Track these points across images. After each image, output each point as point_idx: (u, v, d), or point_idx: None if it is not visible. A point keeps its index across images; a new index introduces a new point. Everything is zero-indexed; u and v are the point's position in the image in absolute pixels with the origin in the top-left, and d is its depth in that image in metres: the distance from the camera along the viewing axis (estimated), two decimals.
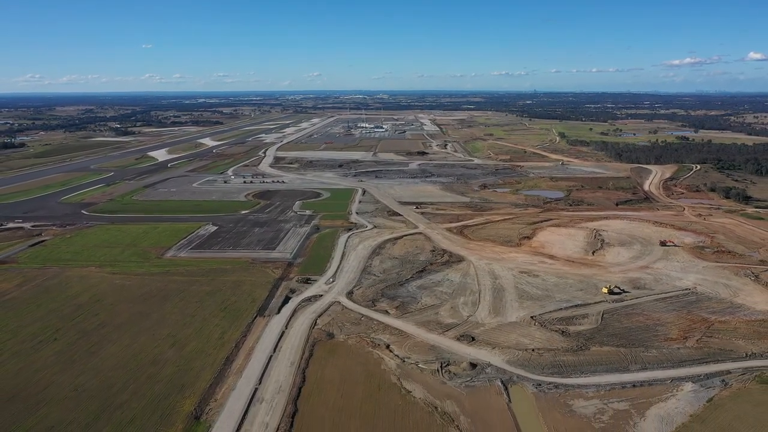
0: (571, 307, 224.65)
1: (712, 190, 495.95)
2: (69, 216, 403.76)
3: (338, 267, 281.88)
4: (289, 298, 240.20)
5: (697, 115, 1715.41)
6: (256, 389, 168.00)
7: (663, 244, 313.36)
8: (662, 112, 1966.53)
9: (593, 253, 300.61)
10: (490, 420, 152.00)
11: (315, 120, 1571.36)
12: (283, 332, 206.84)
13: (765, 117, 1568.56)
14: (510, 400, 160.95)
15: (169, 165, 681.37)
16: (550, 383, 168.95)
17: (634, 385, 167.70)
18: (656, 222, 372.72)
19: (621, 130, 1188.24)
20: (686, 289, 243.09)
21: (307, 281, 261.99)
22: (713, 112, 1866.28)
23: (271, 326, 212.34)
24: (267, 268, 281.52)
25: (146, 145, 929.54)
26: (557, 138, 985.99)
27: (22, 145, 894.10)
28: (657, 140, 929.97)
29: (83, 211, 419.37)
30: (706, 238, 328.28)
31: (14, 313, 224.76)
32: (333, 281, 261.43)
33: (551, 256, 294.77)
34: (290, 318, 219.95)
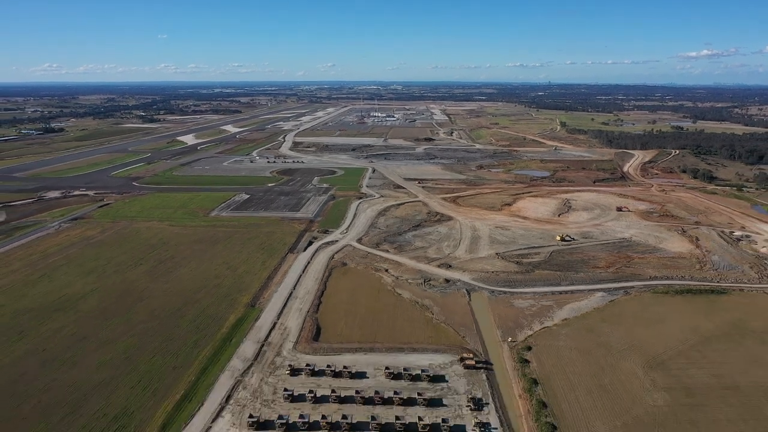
0: (529, 248, 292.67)
1: (684, 171, 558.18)
2: (123, 186, 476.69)
3: (350, 223, 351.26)
4: (312, 243, 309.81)
5: (704, 107, 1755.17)
6: (291, 292, 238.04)
7: (619, 209, 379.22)
8: (670, 103, 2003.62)
9: (559, 215, 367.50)
10: (455, 309, 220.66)
11: (330, 109, 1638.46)
12: (309, 262, 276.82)
13: None
14: (470, 300, 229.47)
15: (198, 148, 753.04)
16: (500, 291, 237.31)
17: (561, 293, 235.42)
18: (622, 195, 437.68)
19: (622, 120, 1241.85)
20: (623, 239, 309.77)
21: (326, 232, 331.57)
22: (720, 104, 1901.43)
23: (299, 259, 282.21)
24: (293, 223, 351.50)
25: (173, 131, 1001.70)
26: (558, 127, 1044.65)
27: (61, 130, 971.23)
28: (652, 130, 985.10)
29: (134, 183, 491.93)
30: (658, 206, 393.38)
31: (105, 248, 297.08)
32: (346, 232, 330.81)
33: (524, 217, 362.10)
34: (314, 254, 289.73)
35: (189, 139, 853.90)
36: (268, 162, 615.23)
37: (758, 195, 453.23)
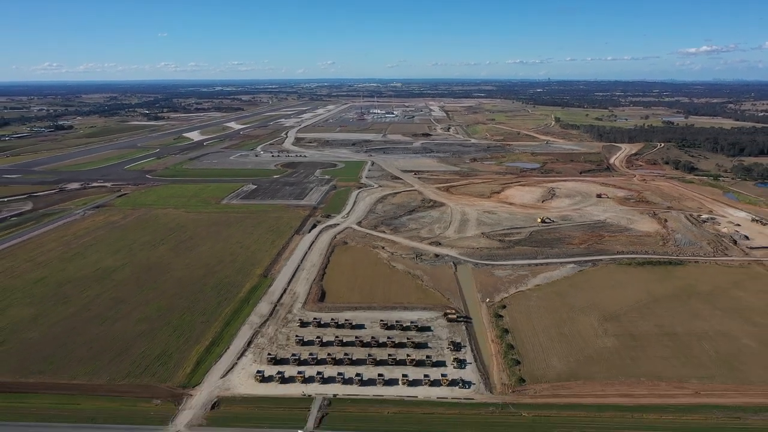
0: (511, 228, 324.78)
1: (667, 163, 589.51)
2: (137, 178, 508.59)
3: (351, 209, 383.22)
4: (316, 225, 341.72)
5: (699, 103, 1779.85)
6: (299, 265, 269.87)
7: (599, 196, 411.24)
8: (666, 99, 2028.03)
9: (543, 201, 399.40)
10: (442, 278, 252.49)
11: (330, 107, 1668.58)
12: (314, 241, 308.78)
13: (762, 104, 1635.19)
14: (456, 270, 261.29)
15: (204, 143, 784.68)
16: (483, 263, 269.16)
17: (536, 265, 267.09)
18: (604, 184, 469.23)
19: (616, 116, 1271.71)
20: (598, 221, 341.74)
21: (328, 217, 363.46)
22: (716, 100, 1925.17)
23: (305, 239, 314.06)
24: (298, 210, 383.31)
25: (178, 128, 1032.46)
26: (552, 122, 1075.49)
27: (70, 127, 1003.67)
28: (644, 125, 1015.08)
29: (147, 176, 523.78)
30: (635, 193, 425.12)
31: (129, 231, 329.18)
32: (347, 217, 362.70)
33: (510, 203, 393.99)
34: (318, 235, 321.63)
35: (195, 136, 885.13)
36: (272, 156, 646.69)
37: (733, 184, 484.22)
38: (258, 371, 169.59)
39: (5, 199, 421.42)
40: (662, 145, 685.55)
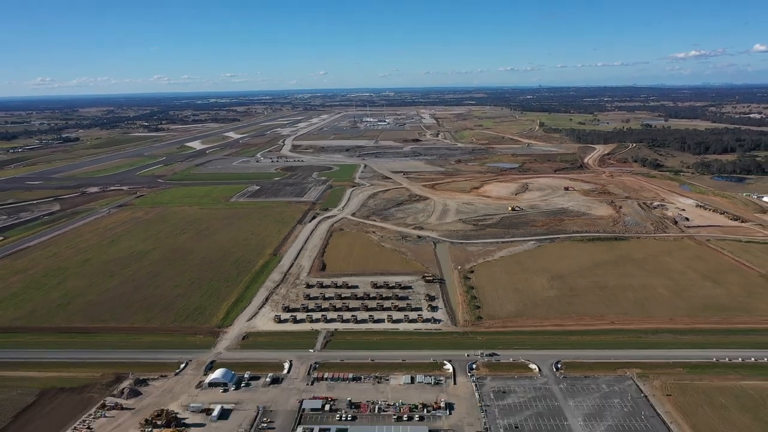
0: (485, 215, 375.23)
1: (635, 161, 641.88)
2: (150, 182, 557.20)
3: (346, 203, 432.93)
4: (315, 217, 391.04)
5: (683, 107, 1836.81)
6: (302, 246, 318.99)
7: (566, 189, 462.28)
8: (652, 104, 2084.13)
9: (516, 194, 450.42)
10: (423, 253, 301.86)
11: (324, 116, 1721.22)
12: (314, 228, 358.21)
13: (743, 107, 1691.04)
14: (435, 248, 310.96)
15: (207, 152, 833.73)
16: (458, 242, 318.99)
17: (503, 243, 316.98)
18: (574, 179, 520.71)
19: (598, 120, 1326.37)
20: (561, 208, 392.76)
21: (326, 210, 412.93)
22: (699, 103, 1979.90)
23: (306, 227, 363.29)
24: (299, 205, 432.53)
25: (179, 138, 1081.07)
26: (537, 127, 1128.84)
27: (77, 139, 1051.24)
28: (623, 127, 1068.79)
29: (158, 180, 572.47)
30: (600, 186, 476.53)
31: (152, 224, 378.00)
32: (342, 210, 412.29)
33: (487, 196, 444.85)
34: (317, 224, 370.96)
35: (196, 145, 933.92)
36: (272, 161, 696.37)
37: (692, 178, 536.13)
38: (276, 315, 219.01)
39: (34, 202, 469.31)
40: (634, 145, 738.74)
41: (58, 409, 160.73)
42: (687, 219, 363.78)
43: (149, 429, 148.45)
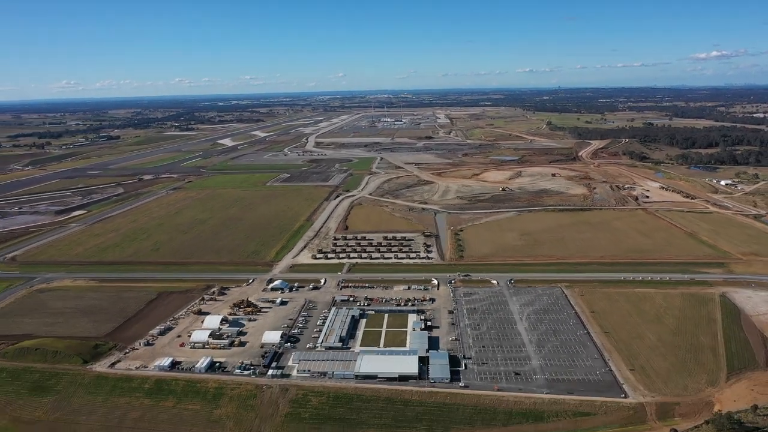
0: (480, 193, 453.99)
1: (625, 154, 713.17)
2: (194, 172, 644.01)
3: (364, 186, 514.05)
4: (339, 196, 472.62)
5: (694, 107, 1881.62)
6: (329, 216, 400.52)
7: (553, 175, 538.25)
8: (665, 104, 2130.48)
9: (509, 179, 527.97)
10: (425, 219, 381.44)
11: (343, 116, 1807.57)
12: (338, 204, 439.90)
13: (753, 107, 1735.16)
14: (435, 216, 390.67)
15: (238, 148, 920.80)
16: (454, 212, 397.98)
17: (489, 212, 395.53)
18: (563, 168, 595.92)
19: (605, 119, 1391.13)
20: (544, 188, 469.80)
21: (347, 191, 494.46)
22: (711, 103, 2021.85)
23: (331, 203, 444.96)
24: (324, 188, 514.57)
25: (210, 136, 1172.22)
26: (544, 126, 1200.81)
27: (117, 137, 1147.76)
28: (626, 126, 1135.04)
29: (201, 170, 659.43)
30: (583, 174, 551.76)
31: (205, 201, 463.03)
32: (361, 191, 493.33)
33: (484, 181, 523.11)
34: (340, 201, 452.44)
35: (227, 142, 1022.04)
36: (298, 155, 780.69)
37: (670, 167, 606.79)
38: (312, 255, 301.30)
39: (100, 186, 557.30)
40: (626, 140, 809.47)
41: (172, 301, 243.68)
42: (647, 197, 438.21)
43: (236, 309, 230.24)
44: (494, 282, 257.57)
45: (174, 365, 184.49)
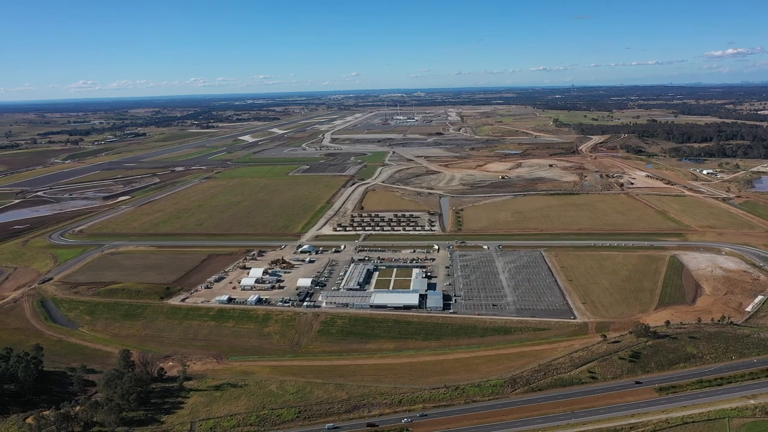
0: (481, 181, 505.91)
1: (622, 148, 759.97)
2: (221, 164, 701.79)
3: (377, 176, 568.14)
4: (354, 183, 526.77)
5: (703, 104, 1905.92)
6: (346, 199, 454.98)
7: (550, 165, 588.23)
8: (675, 102, 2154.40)
9: (510, 169, 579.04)
10: (431, 201, 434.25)
11: (357, 115, 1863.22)
12: (354, 190, 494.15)
13: (760, 104, 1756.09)
14: (440, 199, 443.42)
15: (258, 143, 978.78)
16: (457, 196, 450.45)
17: (488, 196, 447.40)
18: (561, 160, 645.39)
19: (612, 117, 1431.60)
20: (539, 177, 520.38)
21: (362, 180, 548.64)
22: (720, 101, 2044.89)
23: (348, 189, 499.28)
24: (341, 177, 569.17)
25: (231, 133, 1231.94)
26: (550, 123, 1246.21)
27: (144, 134, 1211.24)
28: (630, 122, 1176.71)
29: (227, 162, 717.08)
30: (578, 164, 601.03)
31: (236, 188, 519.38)
32: (375, 179, 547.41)
33: (487, 170, 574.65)
34: (356, 188, 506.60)
35: (248, 138, 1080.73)
36: (316, 150, 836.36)
37: (662, 159, 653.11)
38: (333, 228, 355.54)
39: (138, 176, 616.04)
40: (625, 135, 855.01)
41: (220, 260, 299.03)
42: (632, 184, 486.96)
43: (273, 265, 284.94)
44: (485, 247, 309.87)
45: (230, 300, 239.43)
